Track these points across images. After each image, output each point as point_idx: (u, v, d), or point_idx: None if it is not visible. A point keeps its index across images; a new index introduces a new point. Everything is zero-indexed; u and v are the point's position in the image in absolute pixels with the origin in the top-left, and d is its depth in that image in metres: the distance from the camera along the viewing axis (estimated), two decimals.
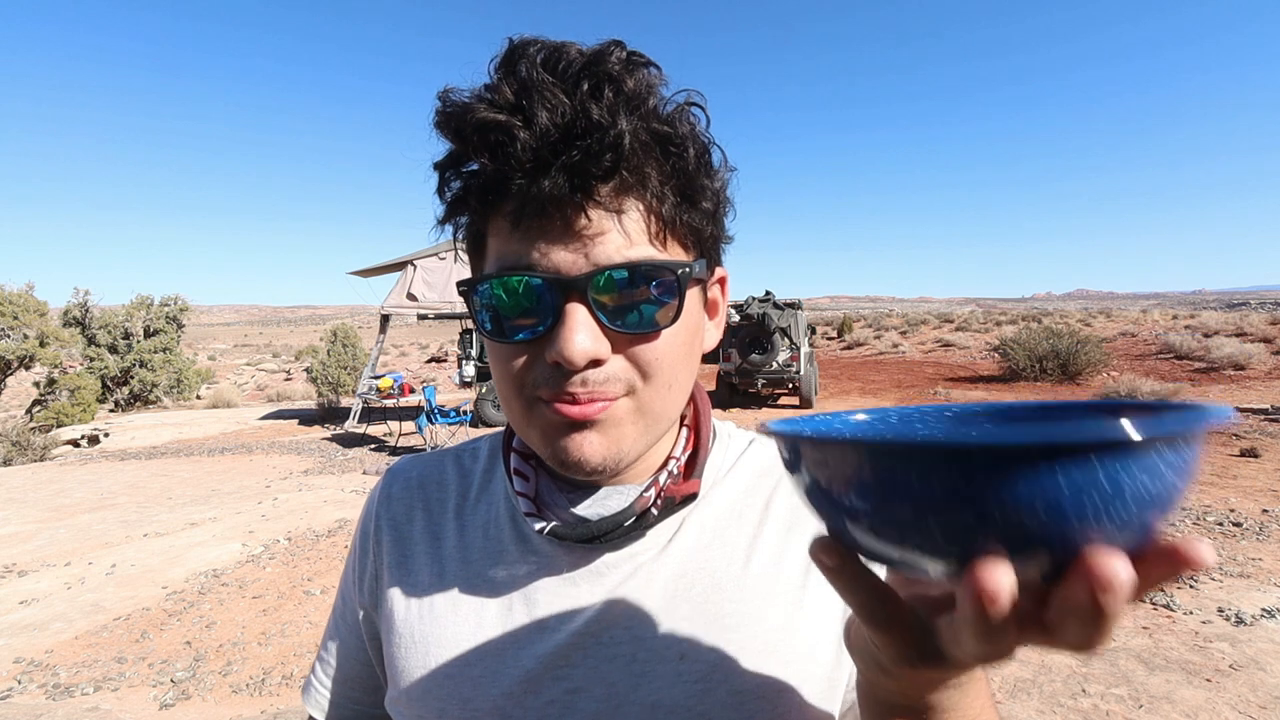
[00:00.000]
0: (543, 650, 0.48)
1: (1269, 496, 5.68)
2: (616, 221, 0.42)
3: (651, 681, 0.47)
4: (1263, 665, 2.98)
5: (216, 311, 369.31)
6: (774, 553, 0.52)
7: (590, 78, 0.40)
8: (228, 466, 8.81)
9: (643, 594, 0.49)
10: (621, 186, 0.42)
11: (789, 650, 0.49)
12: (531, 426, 0.46)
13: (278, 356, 47.71)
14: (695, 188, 0.45)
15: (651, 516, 0.50)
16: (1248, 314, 22.73)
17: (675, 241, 0.45)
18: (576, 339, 0.41)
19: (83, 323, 18.43)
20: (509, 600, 0.51)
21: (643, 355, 0.44)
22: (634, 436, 0.46)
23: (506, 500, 0.55)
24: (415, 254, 11.96)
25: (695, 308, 0.48)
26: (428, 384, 10.96)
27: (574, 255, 0.42)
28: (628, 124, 0.40)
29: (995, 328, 25.82)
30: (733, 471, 0.57)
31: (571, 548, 0.50)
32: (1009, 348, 15.86)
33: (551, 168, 0.40)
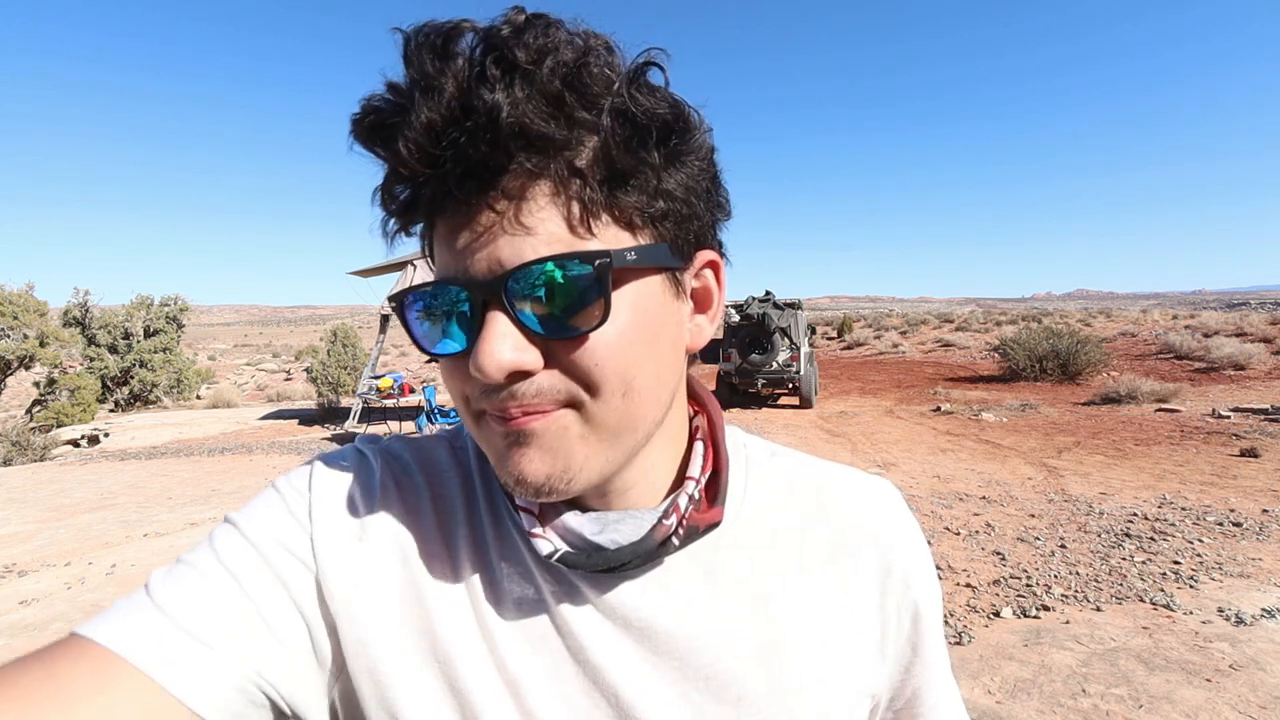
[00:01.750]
0: (584, 683, 0.44)
1: (1269, 496, 5.68)
2: (529, 213, 0.37)
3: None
4: (1263, 665, 2.98)
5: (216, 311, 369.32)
6: (817, 587, 0.49)
7: (483, 53, 0.35)
8: (228, 467, 8.81)
9: (686, 619, 0.46)
10: (529, 172, 0.36)
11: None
12: (483, 443, 0.43)
13: (278, 356, 47.71)
14: (628, 161, 0.38)
15: (672, 546, 0.45)
16: (1248, 314, 22.73)
17: (615, 226, 0.39)
18: (493, 350, 0.36)
19: (83, 323, 18.43)
20: (540, 621, 0.45)
21: (577, 363, 0.38)
22: (584, 453, 0.40)
23: (506, 507, 0.48)
24: (415, 254, 11.90)
25: (651, 300, 0.41)
26: (428, 384, 10.96)
27: (483, 258, 0.37)
28: (515, 93, 0.34)
29: (995, 328, 25.81)
30: (756, 491, 0.52)
31: (589, 576, 0.45)
32: (1009, 348, 15.85)
33: (445, 160, 0.35)
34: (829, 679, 0.46)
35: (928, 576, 0.52)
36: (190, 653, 0.37)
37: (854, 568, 0.49)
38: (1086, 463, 7.30)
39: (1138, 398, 11.20)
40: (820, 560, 0.49)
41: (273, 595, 0.41)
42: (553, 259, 0.36)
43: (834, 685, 0.46)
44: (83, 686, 0.34)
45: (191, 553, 0.43)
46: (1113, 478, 6.59)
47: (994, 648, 3.26)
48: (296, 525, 0.44)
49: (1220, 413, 9.59)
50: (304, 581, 0.43)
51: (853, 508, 0.52)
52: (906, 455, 8.02)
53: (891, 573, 0.50)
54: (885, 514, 0.52)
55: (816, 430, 10.16)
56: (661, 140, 0.39)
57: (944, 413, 11.22)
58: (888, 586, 0.50)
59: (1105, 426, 9.39)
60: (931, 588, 0.52)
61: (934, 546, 4.78)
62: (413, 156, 0.35)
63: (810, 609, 0.47)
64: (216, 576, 0.41)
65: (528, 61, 0.35)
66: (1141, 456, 7.50)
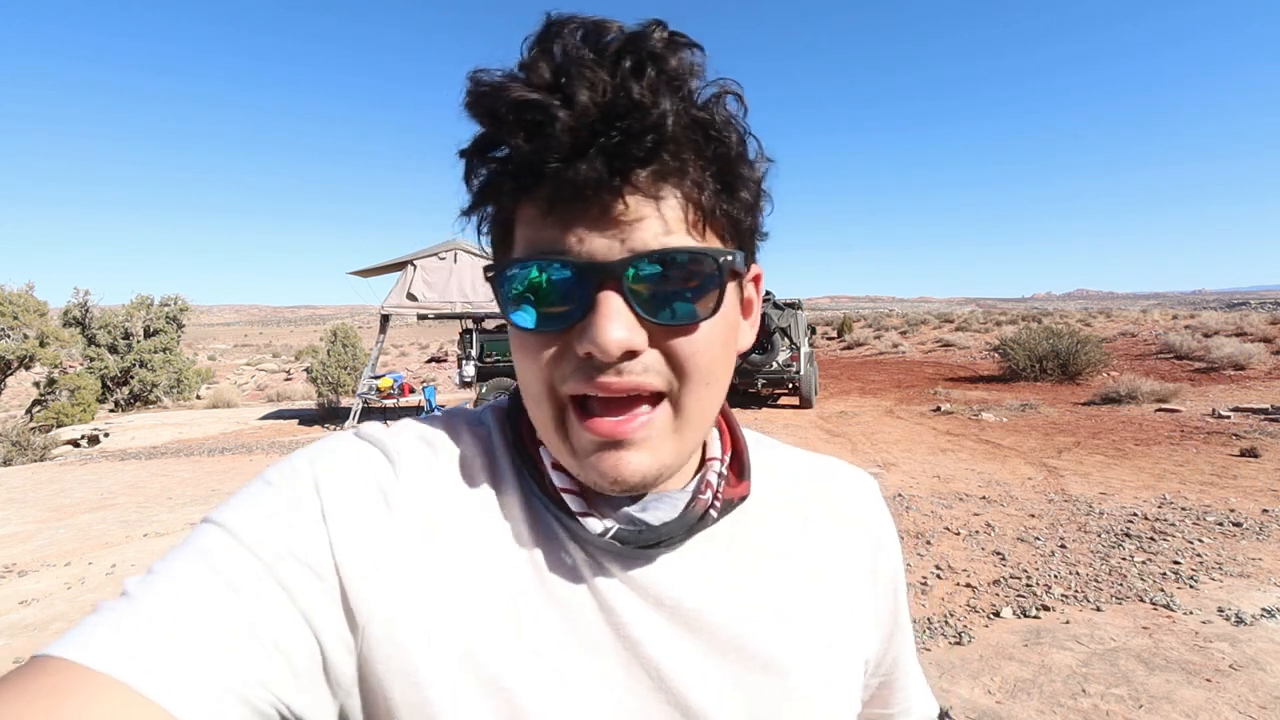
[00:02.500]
0: (624, 656, 0.44)
1: (1269, 496, 5.68)
2: (655, 208, 0.39)
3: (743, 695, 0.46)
4: (1263, 665, 2.98)
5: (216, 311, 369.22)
6: (820, 566, 0.53)
7: (632, 55, 0.37)
8: (228, 466, 8.81)
9: (712, 597, 0.48)
10: (661, 171, 0.39)
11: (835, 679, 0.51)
12: (563, 440, 0.43)
13: (278, 356, 47.71)
14: (735, 177, 0.42)
15: (711, 519, 0.48)
16: (1247, 314, 22.73)
17: (713, 232, 0.42)
18: (611, 328, 0.38)
19: (83, 323, 18.43)
20: (580, 599, 0.45)
21: (680, 349, 0.41)
22: (674, 448, 0.43)
23: (536, 492, 0.48)
24: (415, 254, 11.96)
25: (733, 304, 0.45)
26: (428, 384, 10.97)
27: (610, 242, 0.39)
28: (670, 105, 0.38)
29: (995, 328, 25.81)
30: (758, 473, 0.55)
31: (628, 552, 0.46)
32: (1009, 348, 15.85)
33: (590, 149, 0.37)
34: (836, 643, 0.50)
35: (898, 558, 0.59)
36: (172, 658, 0.33)
37: (848, 545, 0.54)
38: (1086, 463, 7.30)
39: (1138, 398, 11.20)
40: (820, 540, 0.53)
41: (270, 602, 0.37)
42: (678, 251, 0.40)
43: (841, 649, 0.50)
44: (49, 707, 0.29)
45: (169, 559, 0.38)
46: (1113, 478, 6.59)
47: (994, 648, 3.26)
48: (307, 527, 0.40)
49: (1220, 413, 9.59)
50: (316, 586, 0.39)
51: (842, 491, 0.57)
52: (906, 455, 8.01)
53: (878, 552, 0.56)
54: (870, 501, 0.58)
55: (816, 430, 10.16)
56: (750, 165, 0.43)
57: (944, 413, 11.22)
58: (876, 564, 0.55)
59: (1105, 426, 9.39)
60: (900, 567, 0.59)
61: (934, 546, 4.78)
62: (564, 140, 0.37)
63: (816, 584, 0.51)
64: (203, 583, 0.36)
65: (678, 72, 0.38)
66: (1141, 456, 7.49)
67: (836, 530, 0.55)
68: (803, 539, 0.53)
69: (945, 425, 10.10)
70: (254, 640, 0.36)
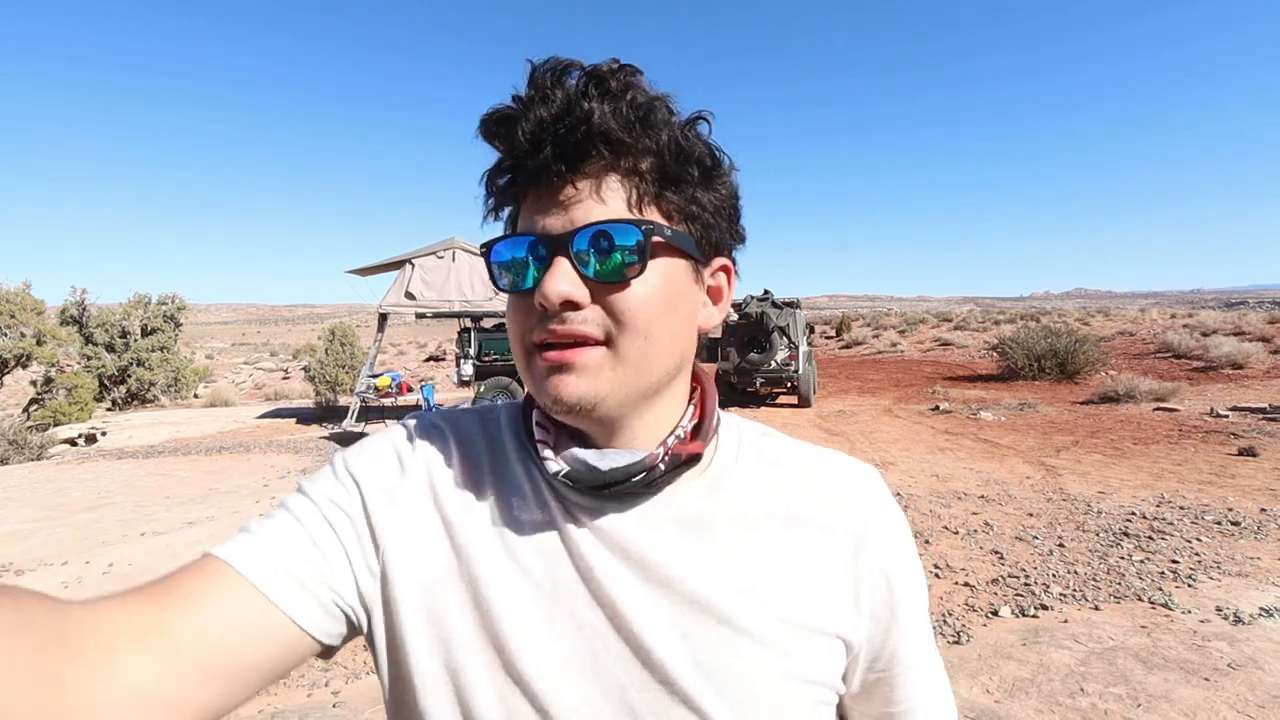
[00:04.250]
0: (588, 598, 0.53)
1: (1267, 495, 5.69)
2: (597, 191, 0.51)
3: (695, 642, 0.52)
4: (1261, 664, 2.98)
5: (214, 310, 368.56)
6: (796, 546, 0.56)
7: (584, 79, 0.50)
8: (225, 465, 8.79)
9: (678, 555, 0.54)
10: (604, 163, 0.51)
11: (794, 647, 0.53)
12: (528, 373, 0.54)
13: (275, 355, 47.65)
14: (673, 170, 0.52)
15: (659, 471, 0.54)
16: (1246, 313, 22.76)
17: (659, 213, 0.53)
18: (555, 283, 0.49)
19: (80, 321, 18.39)
20: (553, 547, 0.55)
21: (616, 304, 0.50)
22: (610, 381, 0.51)
23: (534, 460, 0.59)
24: (413, 253, 11.94)
25: (677, 276, 0.53)
26: (426, 383, 10.95)
27: (560, 219, 0.51)
28: (607, 108, 0.49)
29: (994, 327, 25.82)
30: (746, 462, 0.60)
31: (594, 504, 0.55)
32: (1007, 347, 15.87)
33: (545, 145, 0.49)
34: (799, 615, 0.54)
35: (903, 552, 0.59)
36: (270, 562, 0.49)
37: (828, 528, 0.57)
38: (1085, 462, 7.31)
39: (1136, 397, 11.22)
40: (798, 520, 0.57)
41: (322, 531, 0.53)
42: (613, 221, 0.50)
43: (804, 621, 0.54)
44: (205, 590, 0.47)
45: (273, 509, 0.55)
46: (1111, 477, 6.60)
47: (992, 647, 3.26)
48: (346, 486, 0.56)
49: (1218, 412, 9.61)
50: (347, 522, 0.54)
51: (832, 482, 0.60)
52: (905, 454, 8.02)
53: (865, 540, 0.57)
54: (863, 491, 0.60)
55: (815, 429, 10.17)
56: (699, 167, 0.53)
57: (942, 412, 11.23)
58: (861, 550, 0.57)
59: (1103, 425, 9.41)
60: (907, 562, 0.59)
61: (933, 545, 4.79)
62: (524, 141, 0.50)
63: (785, 558, 0.55)
64: (293, 524, 0.53)
65: (616, 90, 0.50)
66: (1140, 455, 7.51)
67: (816, 511, 0.58)
68: (779, 515, 0.57)
69: (944, 424, 10.11)
70: (315, 551, 0.52)
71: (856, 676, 0.58)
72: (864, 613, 0.56)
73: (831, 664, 0.55)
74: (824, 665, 0.54)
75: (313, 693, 3.18)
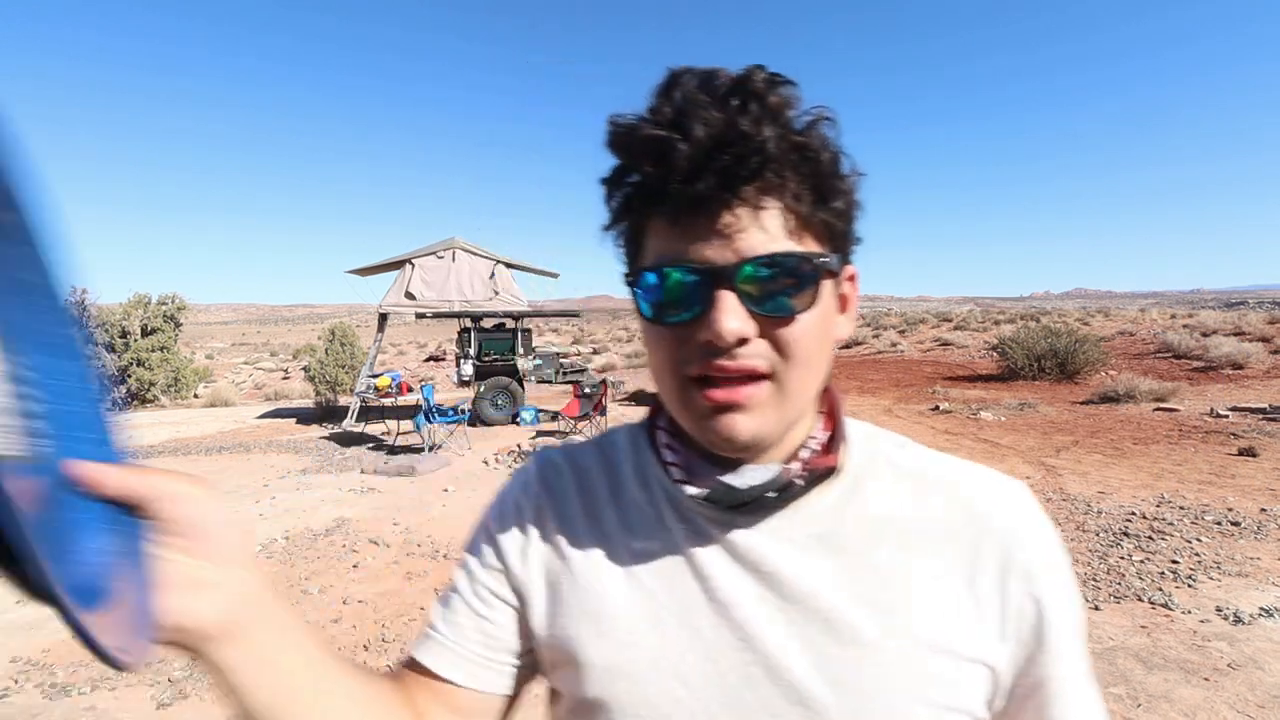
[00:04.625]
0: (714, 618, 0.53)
1: (1267, 495, 5.69)
2: (759, 219, 0.48)
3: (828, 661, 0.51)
4: (1261, 664, 2.98)
5: (214, 310, 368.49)
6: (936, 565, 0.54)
7: (738, 95, 0.47)
8: (225, 465, 8.80)
9: (809, 570, 0.53)
10: (764, 188, 0.48)
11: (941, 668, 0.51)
12: (685, 407, 0.52)
13: (275, 355, 47.65)
14: (828, 190, 0.50)
15: (796, 488, 0.54)
16: (1246, 313, 22.76)
17: (811, 237, 0.50)
18: (727, 319, 0.47)
19: (80, 321, 18.38)
20: (675, 569, 0.55)
21: (783, 337, 0.49)
22: (775, 416, 0.50)
23: (657, 481, 0.60)
24: (413, 253, 11.94)
25: (829, 297, 0.52)
26: (426, 383, 10.95)
27: (722, 249, 0.48)
28: (770, 131, 0.46)
29: (994, 327, 25.82)
30: (881, 474, 0.58)
31: (725, 519, 0.55)
32: (1007, 347, 15.85)
33: (705, 172, 0.46)
34: (937, 639, 0.51)
35: (1055, 574, 0.54)
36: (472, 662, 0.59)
37: (972, 549, 0.54)
38: (1085, 462, 7.31)
39: (1136, 397, 11.22)
40: (937, 538, 0.54)
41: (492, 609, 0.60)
42: (779, 255, 0.48)
43: (942, 645, 0.51)
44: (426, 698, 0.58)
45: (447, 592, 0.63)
46: (1111, 477, 6.60)
47: None
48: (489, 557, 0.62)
49: (1218, 412, 9.60)
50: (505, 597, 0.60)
51: (976, 497, 0.56)
52: None
53: (1013, 561, 0.53)
54: (1010, 508, 0.56)
55: None
56: (842, 178, 0.51)
57: (942, 411, 11.23)
58: (1008, 573, 0.53)
59: (1103, 425, 9.41)
60: (1059, 585, 0.54)
61: None
62: (681, 165, 0.46)
63: (923, 577, 0.53)
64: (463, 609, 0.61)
65: (776, 107, 0.47)
66: (1140, 455, 7.51)
67: (959, 528, 0.55)
68: (917, 531, 0.55)
69: (944, 424, 10.11)
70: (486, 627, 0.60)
71: (999, 703, 0.54)
72: (1009, 637, 0.53)
73: (973, 690, 0.52)
74: (965, 691, 0.51)
75: None
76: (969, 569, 0.53)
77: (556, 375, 12.55)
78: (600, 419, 10.26)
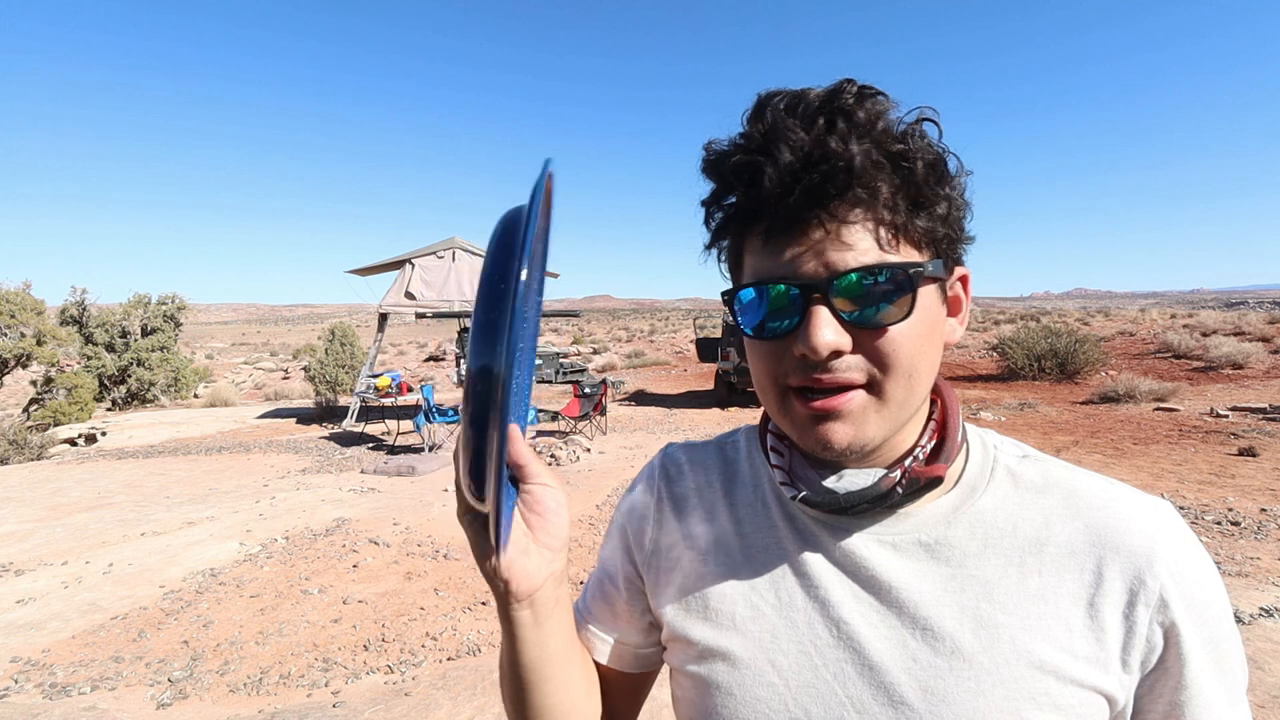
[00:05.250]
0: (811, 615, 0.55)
1: (1267, 495, 5.69)
2: (851, 233, 0.48)
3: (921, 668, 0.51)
4: (1261, 664, 2.98)
5: (214, 310, 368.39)
6: (1052, 583, 0.51)
7: (825, 113, 0.48)
8: (225, 465, 8.79)
9: (912, 575, 0.53)
10: (854, 201, 0.48)
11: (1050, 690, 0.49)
12: (785, 415, 0.54)
13: (275, 355, 47.64)
14: (925, 196, 0.50)
15: (896, 495, 0.54)
16: (1246, 313, 22.75)
17: (909, 245, 0.50)
18: (821, 333, 0.48)
19: (80, 321, 18.39)
20: (778, 565, 0.58)
21: (879, 348, 0.49)
22: (875, 423, 0.51)
23: (768, 481, 0.63)
24: (413, 252, 11.94)
25: (931, 304, 0.52)
26: (426, 383, 10.95)
27: (815, 263, 0.49)
28: (858, 147, 0.47)
29: (994, 326, 25.84)
30: (1000, 485, 0.56)
31: (830, 520, 0.57)
32: (1007, 347, 15.85)
33: (795, 190, 0.47)
34: (1043, 659, 0.49)
35: (1195, 607, 0.50)
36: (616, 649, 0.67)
37: (1095, 569, 0.51)
38: (1085, 462, 7.30)
39: (1136, 397, 11.22)
40: (1055, 555, 0.52)
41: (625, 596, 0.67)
42: (870, 267, 0.48)
43: (1048, 666, 0.49)
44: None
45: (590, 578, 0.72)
46: (1111, 476, 6.59)
47: None
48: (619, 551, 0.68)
49: (1218, 411, 9.60)
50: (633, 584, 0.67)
51: (1107, 516, 0.53)
52: None
53: (1144, 586, 0.50)
54: (1147, 529, 0.52)
55: None
56: (942, 182, 0.51)
57: None
58: (1138, 596, 0.50)
59: (1103, 425, 9.40)
60: (1202, 616, 0.50)
61: None
62: (772, 188, 0.48)
63: (1036, 594, 0.51)
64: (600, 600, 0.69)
65: (865, 121, 0.48)
66: (1140, 455, 7.51)
67: (1082, 547, 0.52)
68: (1032, 548, 0.52)
69: None
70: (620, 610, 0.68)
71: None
72: (1134, 667, 0.50)
73: (1082, 717, 0.49)
74: (1075, 718, 0.49)
75: (312, 693, 3.17)
76: (1089, 590, 0.50)
77: (556, 375, 12.55)
78: (600, 419, 10.26)
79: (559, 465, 8.00)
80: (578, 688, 0.62)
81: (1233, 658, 0.52)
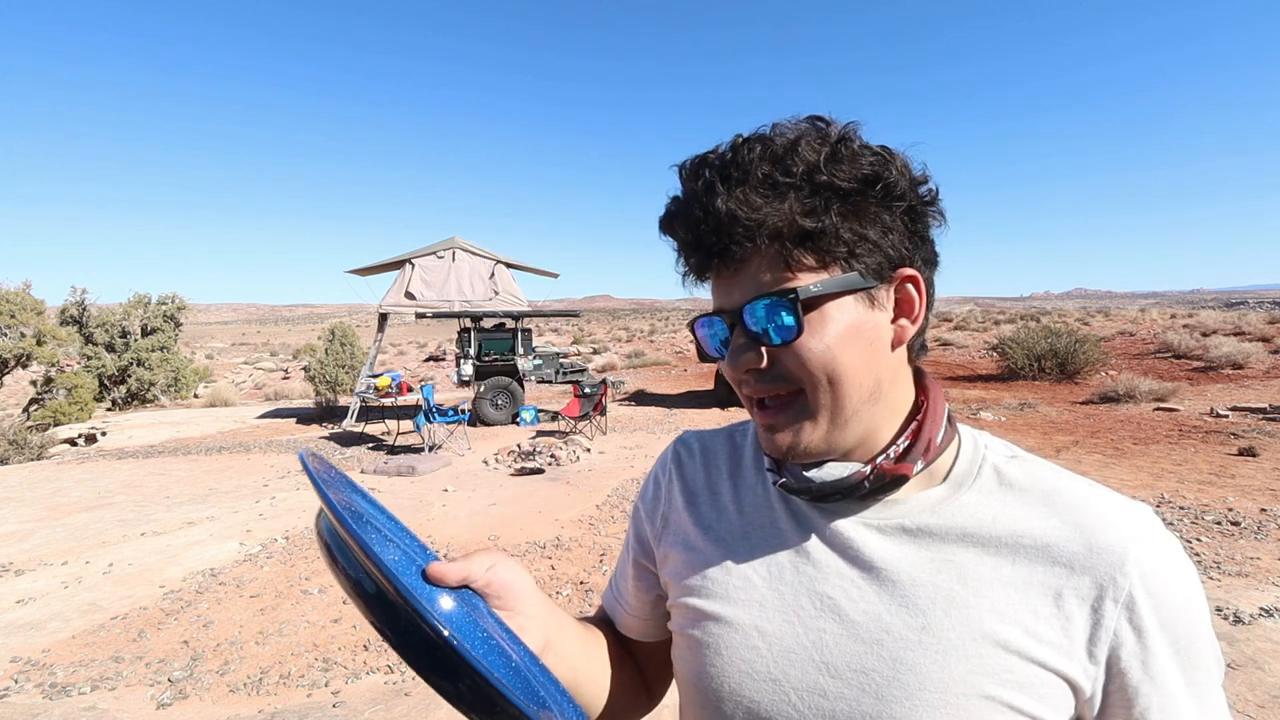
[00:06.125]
0: (798, 586, 0.61)
1: (1267, 495, 5.69)
2: (750, 265, 0.56)
3: (886, 646, 0.55)
4: (1261, 664, 2.98)
5: (214, 310, 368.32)
6: (1024, 574, 0.55)
7: (715, 173, 0.55)
8: (225, 465, 8.79)
9: (892, 555, 0.58)
10: (742, 243, 0.55)
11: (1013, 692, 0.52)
12: (753, 420, 0.63)
13: (275, 355, 47.63)
14: (815, 222, 0.54)
15: (865, 488, 0.59)
16: (1245, 313, 22.74)
17: (807, 267, 0.55)
18: (733, 357, 0.58)
19: (80, 321, 18.39)
20: (772, 542, 0.64)
21: (789, 363, 0.56)
22: (810, 429, 0.58)
23: (769, 469, 0.69)
24: (413, 253, 11.94)
25: (848, 313, 0.56)
26: (426, 383, 10.95)
27: (729, 297, 0.58)
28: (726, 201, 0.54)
29: (994, 326, 25.82)
30: (984, 482, 0.60)
31: (822, 505, 0.62)
32: (1007, 347, 15.86)
33: (700, 247, 0.57)
34: (1007, 639, 0.53)
35: (1167, 605, 0.52)
36: (641, 621, 0.76)
37: (1066, 565, 0.54)
38: (1085, 461, 7.30)
39: (1136, 397, 11.22)
40: (1029, 548, 0.56)
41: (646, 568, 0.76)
42: (759, 298, 0.55)
43: (1019, 647, 0.53)
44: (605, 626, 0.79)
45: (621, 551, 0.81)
46: (1111, 476, 6.60)
47: None
48: (640, 527, 0.77)
49: (1218, 411, 9.60)
50: (645, 532, 0.76)
51: (1085, 516, 0.55)
52: None
53: (1114, 584, 0.52)
54: (1124, 531, 0.54)
55: None
56: (847, 200, 0.54)
57: None
58: (1106, 594, 0.52)
59: (1103, 425, 9.40)
60: (1171, 619, 0.52)
61: None
62: (687, 241, 0.58)
63: (1009, 583, 0.55)
64: (627, 572, 0.78)
65: (742, 169, 0.54)
66: (1140, 455, 7.51)
67: (1057, 545, 0.54)
68: (1010, 542, 0.56)
69: None
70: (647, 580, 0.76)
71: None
72: (1100, 660, 0.52)
73: (1045, 699, 0.52)
74: (1034, 696, 0.51)
75: (312, 693, 3.17)
76: (1058, 582, 0.53)
77: (556, 375, 12.55)
78: (600, 419, 10.26)
79: (559, 465, 8.00)
80: (601, 677, 0.70)
81: (1204, 660, 0.53)
